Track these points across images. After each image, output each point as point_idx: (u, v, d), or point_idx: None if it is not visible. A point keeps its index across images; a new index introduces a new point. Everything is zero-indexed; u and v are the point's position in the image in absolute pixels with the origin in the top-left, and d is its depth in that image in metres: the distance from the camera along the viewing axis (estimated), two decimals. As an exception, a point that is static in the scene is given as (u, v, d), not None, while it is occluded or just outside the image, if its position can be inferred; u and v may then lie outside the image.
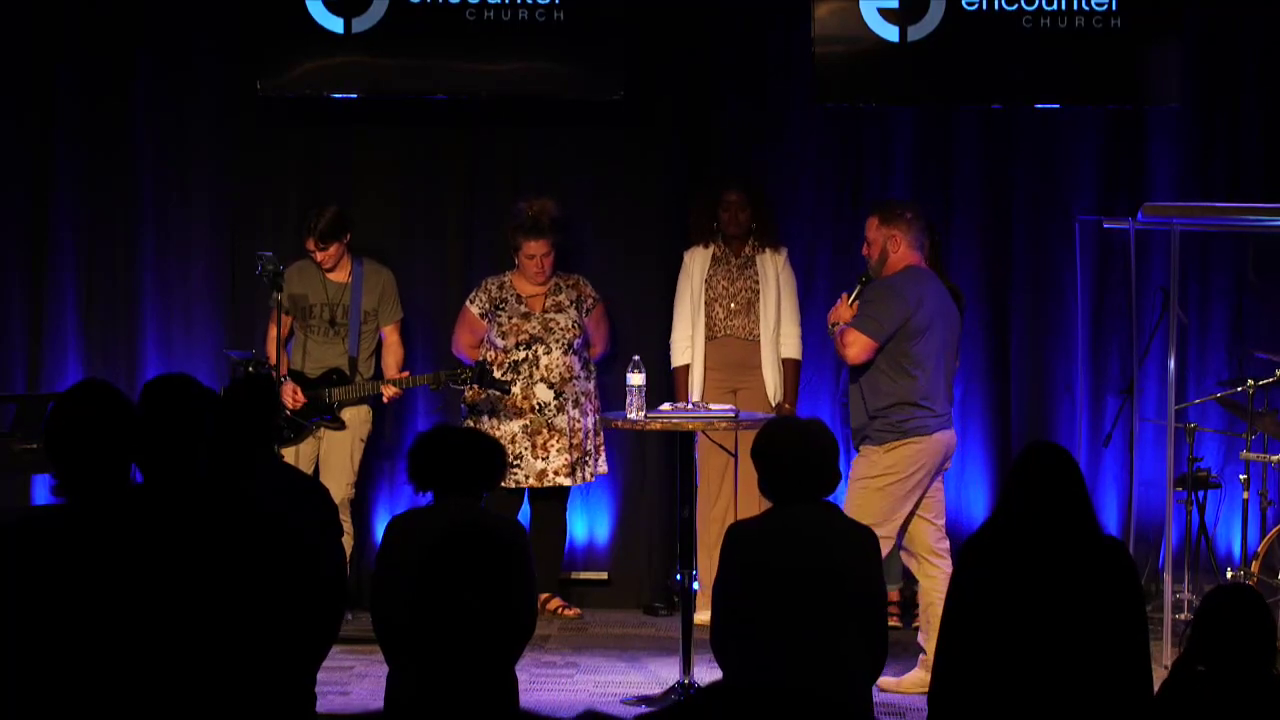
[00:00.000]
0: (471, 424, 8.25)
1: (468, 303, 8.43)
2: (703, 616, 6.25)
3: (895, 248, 7.21)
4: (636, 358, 7.18)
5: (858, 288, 7.26)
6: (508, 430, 8.26)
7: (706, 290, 8.46)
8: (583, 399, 8.39)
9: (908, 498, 7.10)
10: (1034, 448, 5.01)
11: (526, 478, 8.28)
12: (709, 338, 8.47)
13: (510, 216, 8.37)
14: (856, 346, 7.13)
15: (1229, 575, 7.99)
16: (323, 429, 8.25)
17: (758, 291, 8.45)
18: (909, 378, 7.10)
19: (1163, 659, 7.44)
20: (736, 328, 8.46)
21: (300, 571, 4.13)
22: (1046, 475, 4.84)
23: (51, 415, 4.00)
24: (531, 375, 8.30)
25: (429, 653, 3.18)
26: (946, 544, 7.21)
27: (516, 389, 8.28)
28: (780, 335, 8.47)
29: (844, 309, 7.24)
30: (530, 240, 8.25)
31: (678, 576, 7.14)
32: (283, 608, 3.97)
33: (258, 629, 3.91)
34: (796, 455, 5.25)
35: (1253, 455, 8.08)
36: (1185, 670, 4.39)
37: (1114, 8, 8.58)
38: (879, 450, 7.14)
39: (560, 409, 8.29)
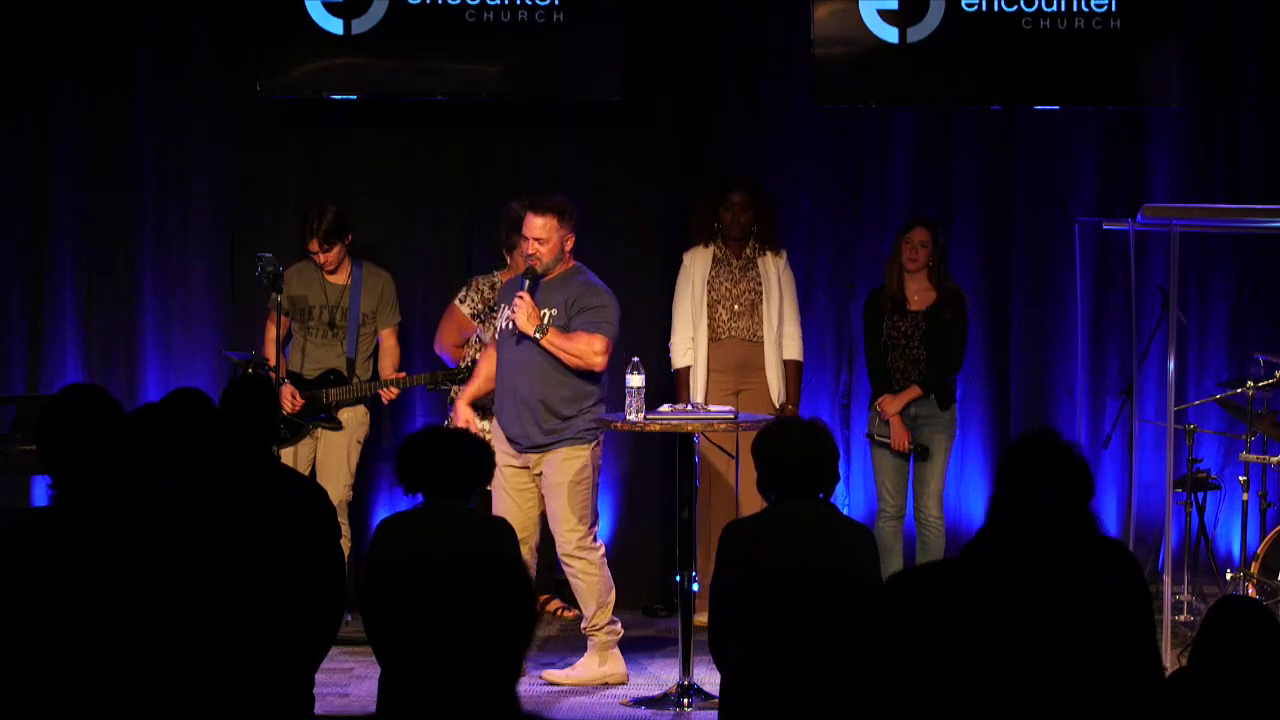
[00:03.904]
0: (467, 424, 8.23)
1: (456, 302, 8.38)
2: (703, 618, 6.26)
3: (568, 245, 7.37)
4: (635, 359, 7.18)
5: (528, 283, 7.28)
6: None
7: (709, 292, 8.45)
8: None
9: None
10: (1027, 439, 4.37)
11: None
12: (712, 339, 8.46)
13: (505, 215, 8.33)
14: (608, 353, 7.29)
15: (1228, 576, 7.99)
16: (320, 430, 8.24)
17: (760, 293, 8.44)
18: (600, 374, 7.33)
19: (1162, 660, 7.44)
20: (740, 329, 8.45)
21: (292, 574, 4.14)
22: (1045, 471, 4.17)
23: (42, 420, 4.02)
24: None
25: (429, 665, 3.18)
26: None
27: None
28: (782, 337, 8.46)
29: (533, 311, 7.23)
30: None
31: (677, 578, 7.14)
32: (276, 609, 3.97)
33: (252, 630, 3.91)
34: (803, 453, 5.25)
35: (1252, 456, 8.08)
36: (1187, 682, 4.37)
37: (1114, 8, 8.59)
38: (588, 448, 7.33)
39: None
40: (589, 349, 7.23)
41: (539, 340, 7.20)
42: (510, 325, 7.29)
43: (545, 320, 7.20)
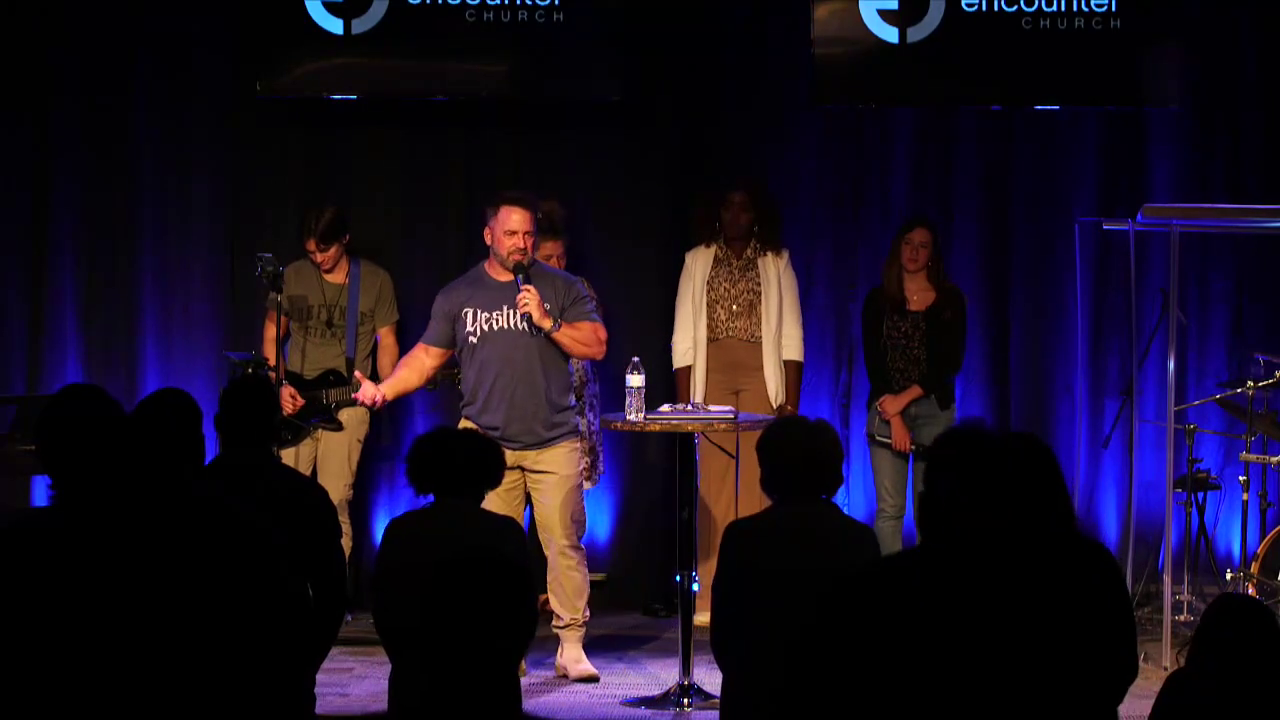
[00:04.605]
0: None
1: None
2: (702, 618, 6.26)
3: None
4: (636, 359, 7.18)
5: (522, 278, 7.28)
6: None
7: (708, 292, 8.46)
8: (595, 402, 8.39)
9: None
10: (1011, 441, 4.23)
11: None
12: (710, 339, 8.46)
13: None
14: (607, 343, 7.38)
15: (1228, 576, 7.99)
16: (320, 430, 8.24)
17: (759, 293, 8.44)
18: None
19: (1162, 660, 7.45)
20: (738, 329, 8.46)
21: (274, 574, 4.14)
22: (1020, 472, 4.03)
23: (41, 420, 4.02)
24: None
25: (434, 660, 3.19)
26: None
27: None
28: (782, 337, 8.46)
29: (541, 304, 7.24)
30: (545, 241, 8.21)
31: (677, 578, 7.14)
32: (272, 612, 3.97)
33: (248, 633, 3.91)
34: (807, 451, 5.26)
35: (1252, 456, 8.08)
36: (1185, 682, 4.36)
37: (1114, 8, 8.59)
38: (578, 442, 7.44)
39: (579, 413, 8.25)
40: (595, 337, 7.30)
41: (552, 333, 7.22)
42: (505, 324, 7.28)
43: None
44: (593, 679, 7.31)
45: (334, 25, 8.58)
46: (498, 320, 7.31)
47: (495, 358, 7.30)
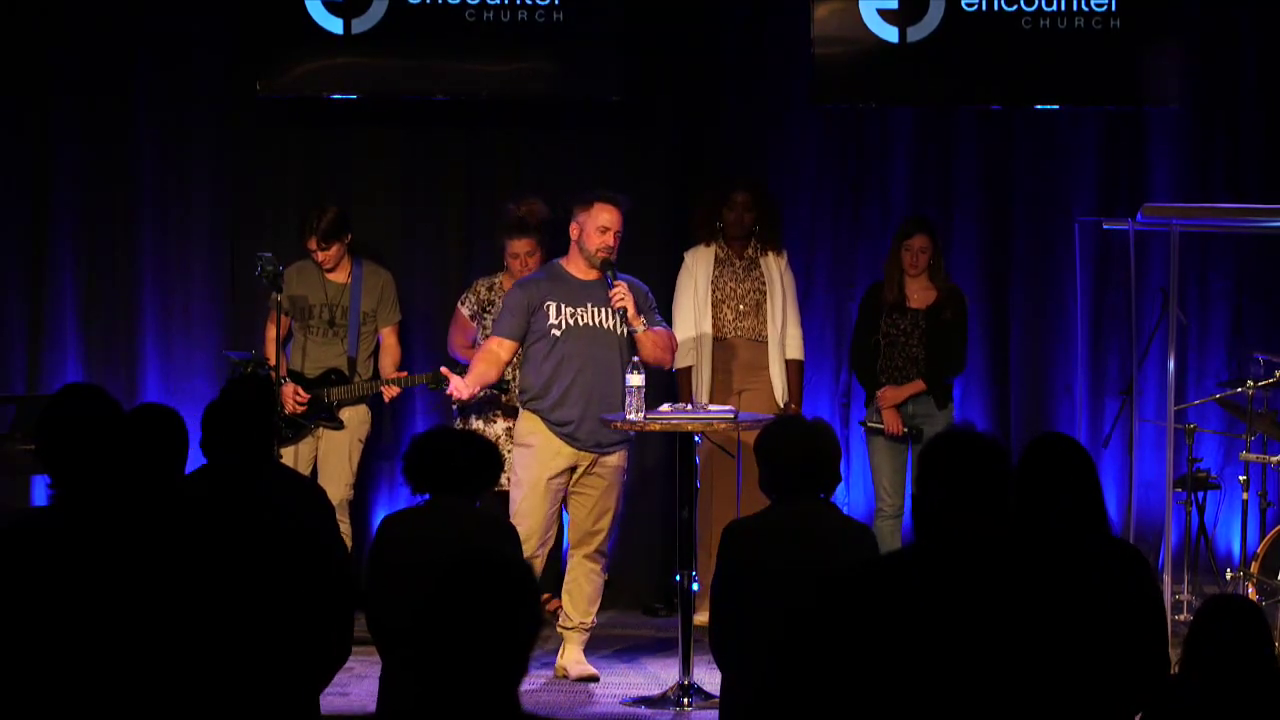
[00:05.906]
0: (461, 424, 8.25)
1: (459, 304, 8.43)
2: (702, 617, 6.26)
3: None
4: (635, 358, 7.18)
5: (611, 275, 7.27)
6: (493, 431, 8.22)
7: (713, 291, 8.44)
8: None
9: None
10: (1043, 441, 4.61)
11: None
12: (716, 339, 8.45)
13: (500, 217, 8.37)
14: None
15: (1228, 576, 7.99)
16: (321, 429, 8.24)
17: (765, 293, 8.44)
18: None
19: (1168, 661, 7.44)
20: (745, 329, 8.45)
21: (311, 573, 4.14)
22: (1058, 472, 4.41)
23: (41, 419, 4.02)
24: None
25: (430, 664, 3.18)
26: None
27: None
28: (785, 337, 8.45)
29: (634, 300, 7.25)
30: (514, 239, 8.24)
31: (677, 577, 7.14)
32: (288, 608, 3.97)
33: (263, 630, 3.91)
34: (804, 450, 5.26)
35: (1252, 456, 8.08)
36: (1180, 683, 4.35)
37: (1114, 8, 8.59)
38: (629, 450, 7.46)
39: None
40: (670, 344, 7.36)
41: (639, 332, 7.24)
42: (591, 320, 7.26)
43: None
44: (593, 679, 7.31)
45: (334, 25, 8.59)
46: (582, 316, 7.29)
47: (578, 353, 7.27)
